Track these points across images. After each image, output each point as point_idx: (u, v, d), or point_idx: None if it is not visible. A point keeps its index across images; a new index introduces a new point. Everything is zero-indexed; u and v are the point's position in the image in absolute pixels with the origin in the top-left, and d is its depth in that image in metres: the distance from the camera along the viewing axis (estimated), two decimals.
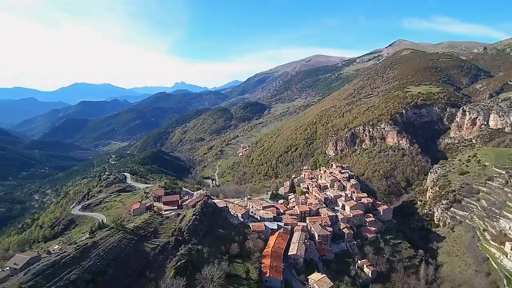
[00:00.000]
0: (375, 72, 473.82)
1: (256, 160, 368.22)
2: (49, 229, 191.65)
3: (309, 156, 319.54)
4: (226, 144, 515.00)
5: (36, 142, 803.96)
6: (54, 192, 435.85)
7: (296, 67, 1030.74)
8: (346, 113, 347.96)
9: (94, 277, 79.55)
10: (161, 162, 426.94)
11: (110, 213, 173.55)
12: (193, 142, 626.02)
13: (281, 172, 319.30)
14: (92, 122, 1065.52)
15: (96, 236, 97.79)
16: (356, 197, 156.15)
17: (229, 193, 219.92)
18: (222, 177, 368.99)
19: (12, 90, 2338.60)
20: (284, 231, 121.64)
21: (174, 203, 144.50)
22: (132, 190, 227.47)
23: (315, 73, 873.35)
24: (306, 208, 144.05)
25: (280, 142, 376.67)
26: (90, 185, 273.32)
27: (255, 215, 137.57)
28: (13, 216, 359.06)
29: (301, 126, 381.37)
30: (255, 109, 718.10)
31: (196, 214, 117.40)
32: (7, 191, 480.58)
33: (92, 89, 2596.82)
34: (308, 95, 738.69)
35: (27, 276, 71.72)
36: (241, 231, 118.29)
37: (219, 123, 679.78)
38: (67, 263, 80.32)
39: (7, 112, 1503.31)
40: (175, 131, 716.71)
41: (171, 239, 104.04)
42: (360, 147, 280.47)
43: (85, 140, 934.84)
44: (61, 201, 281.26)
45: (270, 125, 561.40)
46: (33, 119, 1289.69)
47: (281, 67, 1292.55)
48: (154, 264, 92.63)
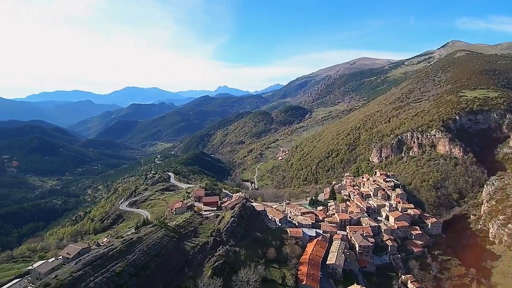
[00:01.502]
0: (426, 75, 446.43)
1: (296, 164, 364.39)
2: (99, 222, 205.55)
3: (351, 162, 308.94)
4: (266, 148, 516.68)
5: (90, 141, 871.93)
6: (105, 188, 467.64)
7: (340, 70, 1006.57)
8: (392, 118, 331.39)
9: (137, 270, 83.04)
10: (203, 163, 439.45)
11: (154, 210, 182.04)
12: (233, 145, 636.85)
13: (321, 178, 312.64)
14: (140, 123, 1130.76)
15: (141, 232, 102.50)
16: (401, 208, 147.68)
17: (268, 197, 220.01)
18: (261, 181, 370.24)
19: (71, 93, 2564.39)
20: (322, 239, 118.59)
21: (214, 204, 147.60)
22: (175, 189, 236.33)
23: (360, 76, 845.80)
24: (346, 216, 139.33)
25: (321, 147, 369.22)
26: (137, 183, 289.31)
27: (293, 220, 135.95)
28: (68, 208, 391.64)
29: (343, 131, 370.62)
30: (296, 113, 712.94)
31: (234, 216, 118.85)
32: (64, 185, 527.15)
33: (142, 93, 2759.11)
34: (351, 99, 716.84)
35: (77, 266, 76.79)
36: (278, 236, 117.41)
37: (260, 127, 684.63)
38: (114, 255, 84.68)
39: (66, 113, 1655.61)
40: (216, 134, 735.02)
41: (210, 239, 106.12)
42: (407, 154, 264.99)
43: (134, 140, 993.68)
44: (111, 196, 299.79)
45: (311, 130, 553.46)
46: (88, 120, 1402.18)
47: (324, 70, 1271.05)
48: (193, 263, 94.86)
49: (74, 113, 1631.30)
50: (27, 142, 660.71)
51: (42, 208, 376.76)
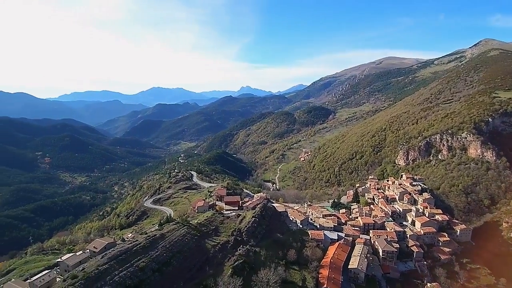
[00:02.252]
0: (457, 74, 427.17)
1: (318, 166, 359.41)
2: (124, 218, 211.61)
3: (376, 164, 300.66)
4: (288, 148, 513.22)
5: (118, 140, 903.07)
6: (130, 185, 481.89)
7: (365, 70, 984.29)
8: (420, 119, 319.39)
9: (160, 266, 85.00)
10: (225, 163, 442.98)
11: (177, 208, 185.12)
12: (255, 145, 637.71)
13: (344, 180, 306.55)
14: (165, 123, 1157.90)
15: (164, 229, 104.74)
16: (428, 213, 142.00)
17: (289, 198, 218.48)
18: (283, 181, 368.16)
19: (100, 93, 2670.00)
20: (344, 243, 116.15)
21: (235, 203, 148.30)
22: (197, 188, 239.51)
23: (386, 76, 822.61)
24: (370, 220, 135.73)
25: (344, 148, 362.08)
26: (161, 181, 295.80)
27: (314, 222, 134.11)
28: (96, 204, 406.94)
29: (368, 132, 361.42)
30: (319, 113, 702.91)
31: (255, 217, 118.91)
32: (92, 181, 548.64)
33: (167, 93, 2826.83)
34: (377, 99, 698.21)
35: (103, 260, 79.59)
36: (299, 237, 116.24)
37: (282, 127, 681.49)
38: (138, 251, 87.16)
39: (96, 112, 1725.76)
40: (239, 134, 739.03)
41: (231, 238, 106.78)
42: (436, 157, 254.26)
43: (159, 140, 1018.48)
44: (136, 193, 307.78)
45: (335, 131, 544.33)
46: (116, 119, 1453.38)
47: (349, 70, 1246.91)
48: (214, 261, 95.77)
49: (103, 113, 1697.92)
50: (59, 140, 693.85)
51: (71, 203, 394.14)
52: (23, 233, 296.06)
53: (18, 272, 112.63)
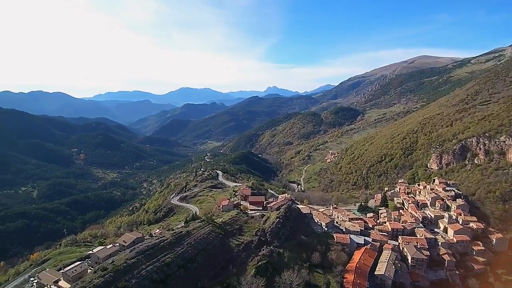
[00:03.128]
0: (495, 74, 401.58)
1: (345, 168, 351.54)
2: (152, 214, 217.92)
3: (407, 168, 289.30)
4: (314, 150, 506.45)
5: (147, 138, 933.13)
6: (159, 182, 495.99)
7: (396, 70, 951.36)
8: (455, 121, 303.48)
9: (184, 263, 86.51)
10: (250, 163, 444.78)
11: (202, 206, 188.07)
12: (281, 146, 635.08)
13: (372, 183, 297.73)
14: (193, 122, 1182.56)
15: (190, 226, 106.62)
16: (462, 220, 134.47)
17: (314, 200, 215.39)
18: (308, 183, 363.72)
19: (132, 93, 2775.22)
20: (371, 248, 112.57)
21: (260, 203, 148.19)
22: (222, 187, 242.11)
23: (419, 76, 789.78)
24: (399, 225, 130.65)
25: (373, 150, 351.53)
26: (187, 179, 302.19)
27: (340, 225, 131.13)
28: (126, 199, 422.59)
29: (398, 134, 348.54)
30: (347, 114, 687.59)
31: (279, 217, 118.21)
32: (123, 178, 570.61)
33: (195, 93, 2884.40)
34: (409, 100, 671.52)
35: (132, 253, 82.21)
36: (324, 240, 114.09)
37: (308, 128, 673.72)
38: (165, 247, 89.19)
39: (127, 111, 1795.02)
40: (264, 134, 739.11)
41: (255, 238, 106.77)
42: (472, 162, 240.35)
43: (186, 139, 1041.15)
44: (164, 190, 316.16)
45: (363, 132, 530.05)
46: (146, 118, 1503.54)
47: (379, 70, 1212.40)
48: (237, 260, 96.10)
49: (134, 112, 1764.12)
50: (93, 137, 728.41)
51: (103, 198, 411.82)
52: (58, 225, 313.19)
53: (52, 262, 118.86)
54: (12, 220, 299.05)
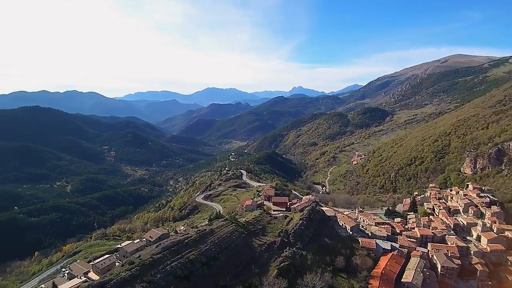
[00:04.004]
0: None
1: (372, 170, 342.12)
2: (178, 211, 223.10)
3: (438, 172, 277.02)
4: (340, 151, 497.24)
5: (174, 137, 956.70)
6: (184, 180, 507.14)
7: (428, 69, 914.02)
8: (492, 124, 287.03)
9: (208, 260, 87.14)
10: (274, 163, 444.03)
11: (226, 205, 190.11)
12: (306, 146, 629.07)
13: (400, 187, 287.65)
14: (218, 122, 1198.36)
15: (213, 225, 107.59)
16: (497, 229, 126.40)
17: (339, 202, 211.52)
18: (333, 185, 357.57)
19: (160, 93, 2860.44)
20: (398, 254, 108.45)
21: (283, 204, 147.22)
22: (246, 187, 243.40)
23: (452, 76, 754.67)
24: (428, 232, 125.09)
25: (402, 153, 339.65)
26: (212, 178, 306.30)
27: (365, 230, 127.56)
28: (153, 196, 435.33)
29: (430, 136, 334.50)
30: (375, 115, 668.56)
31: (303, 219, 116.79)
32: (150, 175, 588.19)
33: (220, 93, 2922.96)
34: (441, 101, 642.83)
35: (157, 249, 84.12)
36: (348, 244, 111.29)
37: (334, 129, 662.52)
38: (189, 244, 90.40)
39: (155, 111, 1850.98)
40: (289, 134, 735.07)
41: (277, 239, 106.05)
42: (509, 167, 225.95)
43: (211, 138, 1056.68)
44: (189, 189, 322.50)
45: (392, 134, 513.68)
46: (173, 117, 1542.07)
47: (409, 69, 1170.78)
48: (260, 260, 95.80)
49: (161, 111, 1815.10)
50: (123, 135, 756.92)
51: (132, 194, 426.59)
52: (89, 219, 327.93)
53: (83, 254, 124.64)
54: (47, 213, 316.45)
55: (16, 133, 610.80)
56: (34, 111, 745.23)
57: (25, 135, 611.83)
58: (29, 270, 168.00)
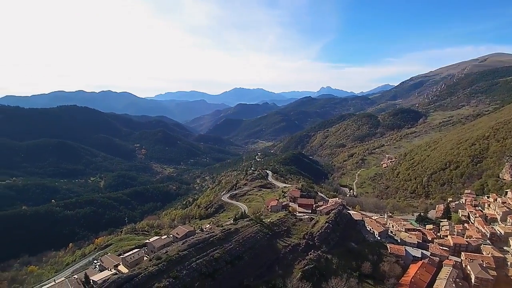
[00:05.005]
0: None
1: (403, 174, 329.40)
2: (204, 209, 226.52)
3: (474, 177, 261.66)
4: (369, 153, 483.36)
5: (202, 136, 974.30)
6: (211, 179, 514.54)
7: (465, 69, 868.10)
8: None
9: (232, 259, 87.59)
10: (300, 164, 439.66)
11: (251, 205, 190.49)
12: (333, 148, 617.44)
13: (433, 192, 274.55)
14: (245, 122, 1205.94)
15: (238, 224, 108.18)
16: None
17: (367, 206, 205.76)
18: (361, 188, 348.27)
19: (189, 93, 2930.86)
20: (429, 262, 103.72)
21: (309, 206, 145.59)
22: (271, 187, 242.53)
23: (492, 76, 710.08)
24: (462, 240, 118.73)
25: (436, 156, 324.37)
26: (238, 178, 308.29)
27: (395, 236, 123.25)
28: (180, 193, 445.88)
29: (466, 139, 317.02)
30: (407, 116, 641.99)
31: (329, 222, 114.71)
32: (178, 173, 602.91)
33: (247, 93, 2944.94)
34: (479, 102, 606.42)
35: (184, 246, 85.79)
36: (376, 250, 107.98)
37: (363, 130, 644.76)
38: (214, 242, 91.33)
39: (184, 110, 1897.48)
40: (316, 135, 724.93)
41: (302, 241, 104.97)
42: None
43: (238, 138, 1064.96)
44: (215, 187, 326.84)
45: (425, 136, 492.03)
46: (201, 117, 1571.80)
47: (445, 68, 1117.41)
48: (284, 262, 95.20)
49: (190, 111, 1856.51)
50: (153, 134, 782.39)
51: (160, 191, 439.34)
52: (121, 213, 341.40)
53: (114, 247, 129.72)
54: (81, 207, 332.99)
55: (55, 131, 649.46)
56: (72, 110, 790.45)
57: (63, 132, 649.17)
58: (64, 260, 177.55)
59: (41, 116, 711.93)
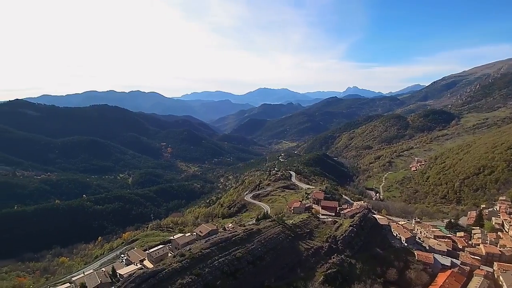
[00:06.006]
0: None
1: (433, 178, 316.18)
2: (227, 208, 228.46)
3: (510, 183, 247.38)
4: (397, 156, 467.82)
5: (226, 136, 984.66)
6: (234, 178, 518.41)
7: (502, 68, 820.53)
8: None
9: (254, 259, 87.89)
10: (324, 165, 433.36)
11: (274, 205, 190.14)
12: (359, 149, 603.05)
13: (465, 198, 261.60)
14: (269, 122, 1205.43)
15: (260, 224, 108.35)
16: None
17: (394, 211, 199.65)
18: (388, 191, 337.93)
19: (214, 93, 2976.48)
20: (459, 272, 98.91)
21: (332, 209, 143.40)
22: (294, 188, 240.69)
23: None
24: (495, 250, 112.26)
25: (469, 160, 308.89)
26: (261, 178, 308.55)
27: (423, 242, 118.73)
28: (204, 192, 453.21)
29: (503, 143, 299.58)
30: (438, 118, 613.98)
31: (353, 226, 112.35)
32: (203, 172, 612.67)
33: (272, 93, 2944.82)
34: None
35: (206, 244, 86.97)
36: (402, 256, 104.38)
37: (391, 132, 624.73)
38: (236, 241, 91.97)
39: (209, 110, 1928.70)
40: (341, 136, 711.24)
41: (325, 244, 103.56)
42: None
43: (262, 138, 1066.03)
44: (238, 187, 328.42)
45: (457, 139, 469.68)
46: (226, 117, 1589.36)
47: (480, 68, 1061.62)
48: (305, 264, 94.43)
49: (215, 111, 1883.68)
50: (179, 133, 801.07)
51: (185, 189, 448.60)
52: (147, 210, 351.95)
53: (140, 242, 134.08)
54: (110, 202, 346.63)
55: (87, 129, 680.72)
56: (103, 109, 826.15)
57: (94, 130, 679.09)
58: (93, 253, 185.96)
59: (75, 115, 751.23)
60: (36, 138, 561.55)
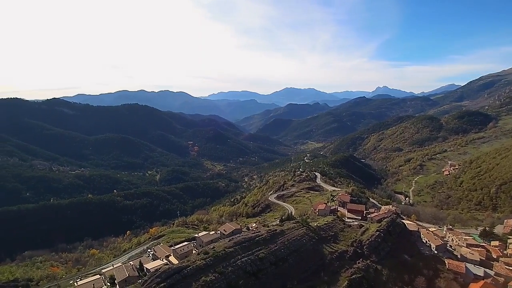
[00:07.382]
0: None
1: (468, 183, 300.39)
2: (251, 208, 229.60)
3: None
4: (429, 159, 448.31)
5: (251, 136, 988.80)
6: (259, 178, 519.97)
7: None
8: None
9: (276, 260, 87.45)
10: (351, 167, 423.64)
11: (298, 207, 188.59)
12: (388, 151, 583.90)
13: (502, 205, 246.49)
14: (294, 122, 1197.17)
15: (284, 226, 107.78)
16: None
17: (424, 216, 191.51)
18: (418, 196, 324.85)
19: (240, 93, 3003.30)
20: (493, 282, 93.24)
21: (359, 212, 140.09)
22: (319, 190, 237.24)
23: None
24: None
25: (507, 165, 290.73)
26: (286, 178, 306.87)
27: (454, 250, 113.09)
28: (229, 190, 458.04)
29: None
30: (474, 120, 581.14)
31: (380, 231, 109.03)
32: (228, 171, 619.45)
33: (298, 93, 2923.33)
34: None
35: (230, 243, 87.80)
36: (432, 264, 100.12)
37: (423, 133, 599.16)
38: (259, 242, 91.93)
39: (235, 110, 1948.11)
40: (370, 138, 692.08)
41: (350, 249, 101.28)
42: None
43: (287, 138, 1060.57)
44: (263, 187, 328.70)
45: (495, 142, 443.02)
46: (251, 116, 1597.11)
47: None
48: (329, 268, 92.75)
49: (241, 110, 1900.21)
50: (205, 132, 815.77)
51: (210, 187, 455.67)
52: (173, 206, 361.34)
53: (166, 238, 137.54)
54: (139, 198, 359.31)
55: (119, 127, 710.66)
56: (134, 108, 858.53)
57: (125, 128, 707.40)
58: (122, 246, 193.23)
59: (107, 113, 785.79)
60: (71, 135, 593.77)
